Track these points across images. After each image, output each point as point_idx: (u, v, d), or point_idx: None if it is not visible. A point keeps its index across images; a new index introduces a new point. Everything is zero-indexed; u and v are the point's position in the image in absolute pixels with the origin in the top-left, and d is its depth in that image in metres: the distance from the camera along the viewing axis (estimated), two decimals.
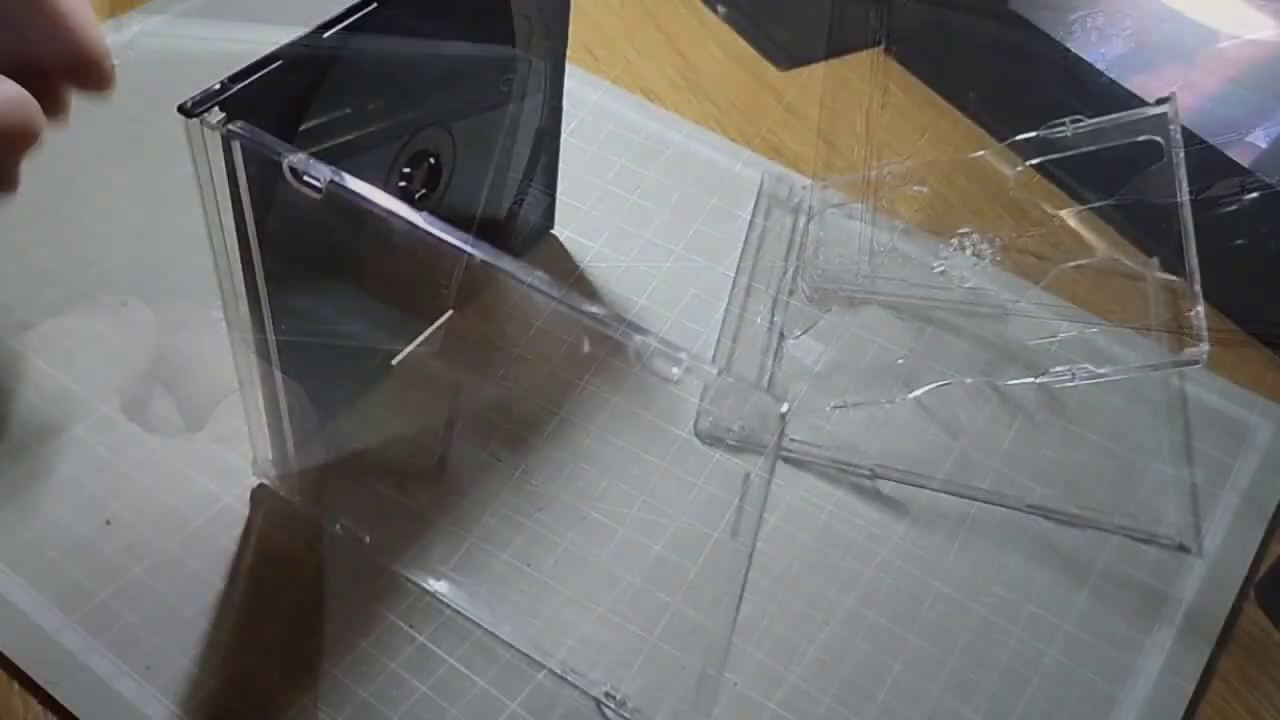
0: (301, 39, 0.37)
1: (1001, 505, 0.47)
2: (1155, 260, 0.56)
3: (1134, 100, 0.58)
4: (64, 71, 0.25)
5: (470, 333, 0.49)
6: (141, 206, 0.54)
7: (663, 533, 0.44)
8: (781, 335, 0.52)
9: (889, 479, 0.47)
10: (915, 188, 0.59)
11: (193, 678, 0.39)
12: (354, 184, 0.32)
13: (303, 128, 0.38)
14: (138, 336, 0.49)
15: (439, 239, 0.30)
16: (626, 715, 0.39)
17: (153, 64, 0.59)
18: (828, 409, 0.48)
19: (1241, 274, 0.56)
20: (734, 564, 0.31)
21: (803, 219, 0.57)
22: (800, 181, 0.59)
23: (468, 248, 0.30)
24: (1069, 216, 0.59)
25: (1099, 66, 0.61)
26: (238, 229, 0.35)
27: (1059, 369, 0.48)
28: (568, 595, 0.42)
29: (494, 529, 0.43)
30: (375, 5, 0.39)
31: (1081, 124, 0.52)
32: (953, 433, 0.49)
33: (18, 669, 0.38)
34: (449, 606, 0.41)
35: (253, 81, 0.35)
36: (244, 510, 0.43)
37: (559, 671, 0.40)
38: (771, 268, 0.54)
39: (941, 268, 0.55)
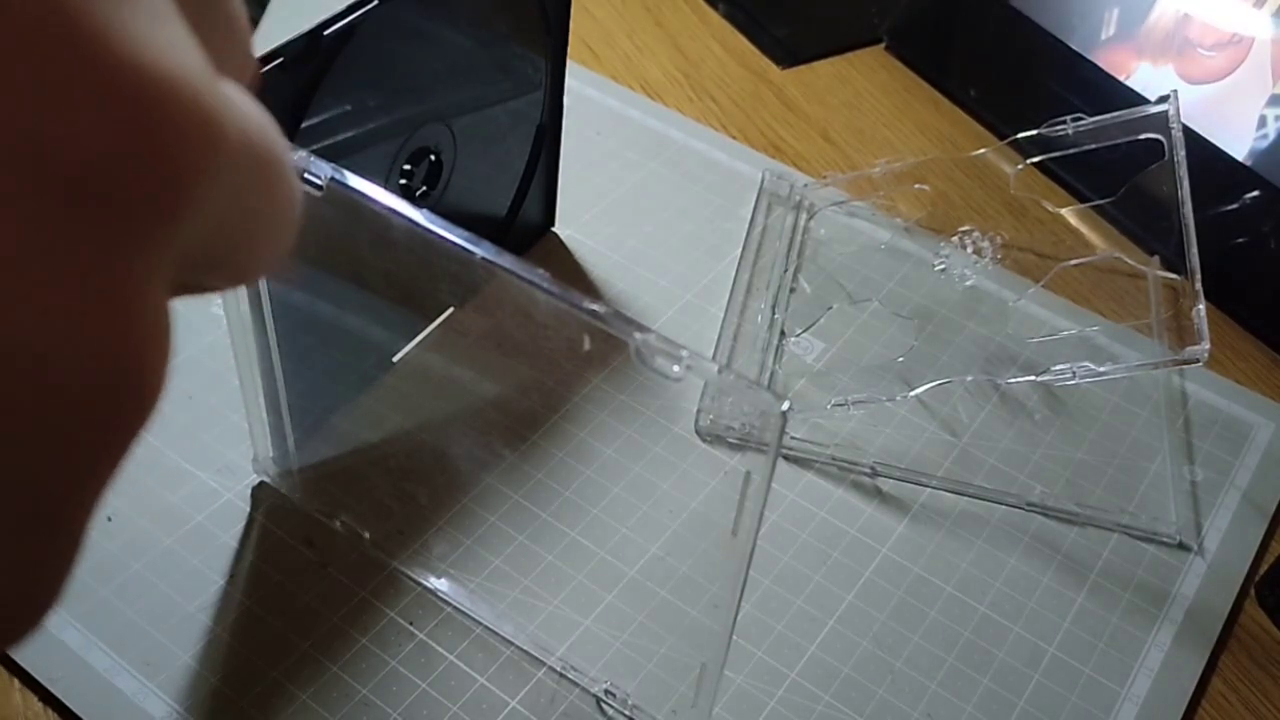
0: (301, 37, 0.37)
1: (1002, 503, 0.47)
2: (1156, 258, 0.56)
3: (1135, 98, 0.58)
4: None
5: (470, 330, 0.49)
6: None
7: (663, 530, 0.44)
8: (782, 333, 0.52)
9: (889, 477, 0.47)
10: (916, 186, 0.59)
11: (193, 674, 0.39)
12: (355, 181, 0.32)
13: (303, 125, 0.38)
14: None
15: (440, 236, 0.30)
16: (627, 713, 0.39)
17: None
18: (828, 407, 0.48)
19: (1242, 273, 0.56)
20: (734, 562, 0.31)
21: (803, 217, 0.57)
22: (801, 179, 0.59)
23: (468, 245, 0.30)
24: (1070, 215, 0.59)
25: (1100, 64, 0.61)
26: None
27: (1059, 367, 0.48)
28: (568, 593, 0.42)
29: (494, 526, 0.43)
30: (375, 3, 0.39)
31: (1082, 122, 0.52)
32: (953, 431, 0.49)
33: (18, 666, 0.38)
34: (449, 603, 0.41)
35: None
36: (244, 507, 0.43)
37: (559, 669, 0.40)
38: (772, 265, 0.54)
39: (942, 266, 0.55)
